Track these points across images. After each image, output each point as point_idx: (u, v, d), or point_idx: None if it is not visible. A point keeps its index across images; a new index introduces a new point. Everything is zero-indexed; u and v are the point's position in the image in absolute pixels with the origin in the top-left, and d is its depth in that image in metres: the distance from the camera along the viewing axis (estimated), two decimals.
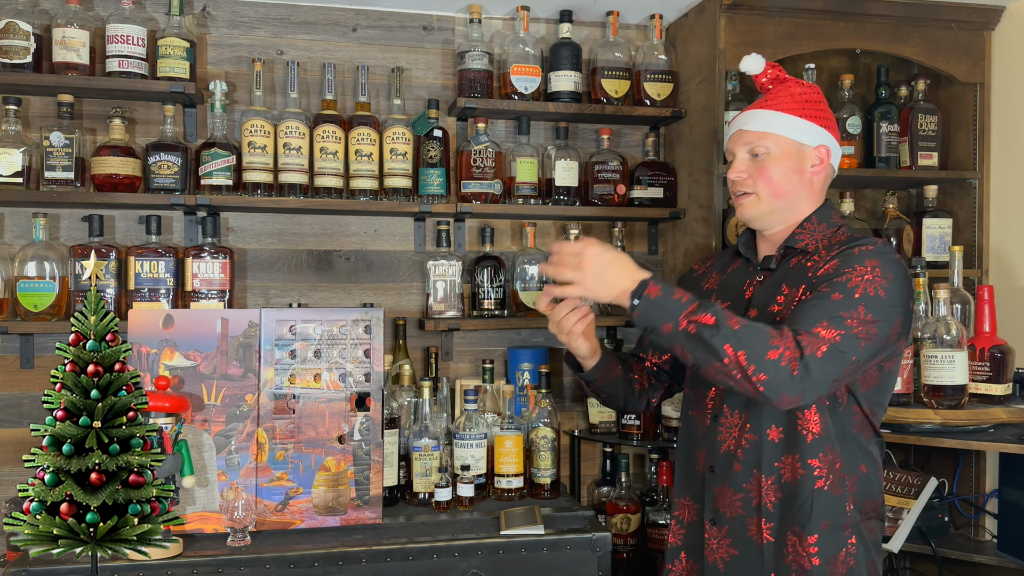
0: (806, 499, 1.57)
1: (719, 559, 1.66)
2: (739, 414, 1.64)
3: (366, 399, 2.14)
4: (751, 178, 1.68)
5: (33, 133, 2.43)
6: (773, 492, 1.60)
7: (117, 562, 1.79)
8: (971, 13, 2.65)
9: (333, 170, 2.47)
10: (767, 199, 1.67)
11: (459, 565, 1.98)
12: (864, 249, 1.58)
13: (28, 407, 2.46)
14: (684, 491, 1.77)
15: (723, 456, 1.66)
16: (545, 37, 2.76)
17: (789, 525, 1.58)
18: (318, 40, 2.67)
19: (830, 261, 1.59)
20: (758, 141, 1.68)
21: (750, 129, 1.70)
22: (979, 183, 2.74)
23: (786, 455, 1.60)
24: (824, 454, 1.58)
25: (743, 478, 1.63)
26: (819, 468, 1.57)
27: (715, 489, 1.67)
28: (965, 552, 2.35)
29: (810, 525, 1.56)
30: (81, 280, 2.32)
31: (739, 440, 1.63)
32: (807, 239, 1.67)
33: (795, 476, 1.58)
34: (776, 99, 1.70)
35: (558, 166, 2.63)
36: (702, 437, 1.71)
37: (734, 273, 1.79)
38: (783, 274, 1.68)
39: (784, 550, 1.59)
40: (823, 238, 1.67)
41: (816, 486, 1.57)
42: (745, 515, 1.63)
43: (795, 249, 1.68)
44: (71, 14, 2.33)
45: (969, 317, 2.44)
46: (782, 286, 1.64)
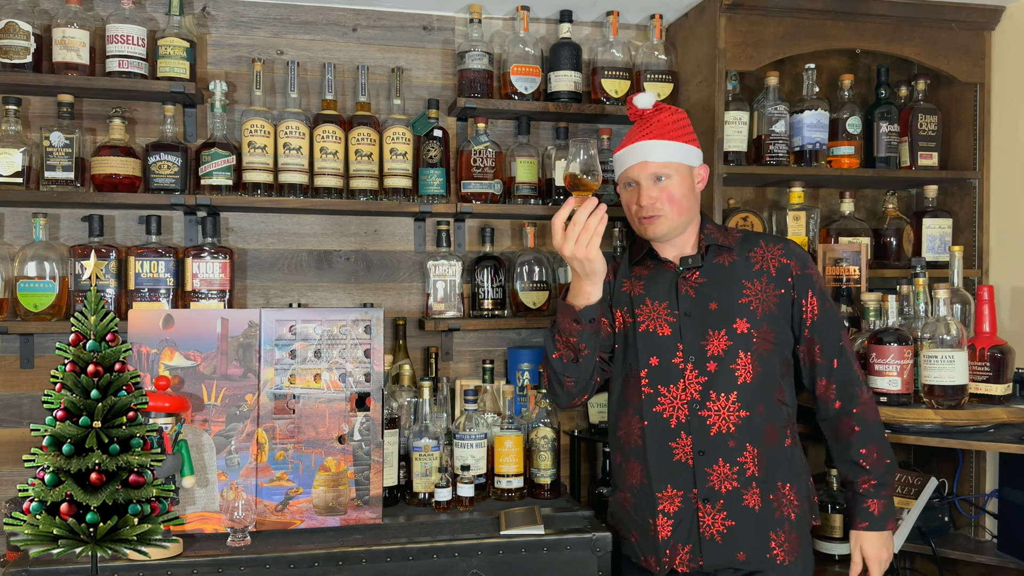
0: (782, 458, 1.87)
1: (716, 533, 1.83)
2: (728, 396, 1.84)
3: (366, 399, 2.14)
4: (659, 201, 1.88)
5: (33, 133, 2.43)
6: (762, 459, 1.84)
7: (117, 562, 1.79)
8: (971, 13, 2.65)
9: (333, 170, 2.47)
10: (674, 217, 1.89)
11: (459, 565, 1.98)
12: (802, 252, 1.96)
13: (28, 407, 2.47)
14: (664, 483, 1.87)
15: (714, 438, 1.84)
16: (545, 37, 2.76)
17: (774, 485, 1.85)
18: (318, 40, 2.67)
19: (785, 260, 1.92)
20: (662, 170, 1.88)
21: (654, 159, 1.88)
22: (979, 183, 2.74)
23: (769, 424, 1.86)
24: (790, 417, 1.92)
25: (737, 452, 1.84)
26: (788, 428, 1.90)
27: (707, 470, 1.84)
28: (965, 552, 2.35)
29: (789, 479, 1.87)
30: (81, 280, 2.32)
31: (731, 419, 1.84)
32: (718, 236, 1.95)
33: (773, 440, 1.86)
34: (662, 128, 1.90)
35: (558, 166, 2.63)
36: (679, 427, 1.86)
37: (653, 277, 1.96)
38: (719, 269, 1.92)
39: (773, 506, 1.84)
40: (725, 234, 1.97)
41: (787, 444, 1.89)
42: (740, 487, 1.83)
43: (716, 245, 1.94)
44: (71, 14, 2.33)
45: (969, 317, 2.44)
46: (742, 281, 1.90)
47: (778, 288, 1.90)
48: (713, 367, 1.85)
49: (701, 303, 1.89)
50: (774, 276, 1.90)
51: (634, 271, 2.00)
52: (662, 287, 1.94)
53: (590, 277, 1.81)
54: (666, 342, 1.89)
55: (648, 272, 1.98)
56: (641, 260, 2.00)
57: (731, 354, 1.85)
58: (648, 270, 1.98)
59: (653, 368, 1.89)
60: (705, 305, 1.89)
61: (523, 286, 2.62)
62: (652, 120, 1.92)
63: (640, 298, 1.95)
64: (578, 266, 1.79)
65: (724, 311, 1.87)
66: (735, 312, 1.87)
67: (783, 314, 1.90)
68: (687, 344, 1.87)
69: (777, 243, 1.96)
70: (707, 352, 1.86)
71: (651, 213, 1.88)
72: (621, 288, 2.00)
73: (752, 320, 1.87)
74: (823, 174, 2.65)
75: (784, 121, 2.60)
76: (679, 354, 1.87)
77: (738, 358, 1.85)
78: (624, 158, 1.94)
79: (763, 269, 1.91)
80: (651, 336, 1.90)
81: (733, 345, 1.85)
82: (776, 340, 1.89)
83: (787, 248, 1.95)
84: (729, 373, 1.85)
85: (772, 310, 1.89)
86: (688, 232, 1.95)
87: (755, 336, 1.86)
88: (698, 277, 1.92)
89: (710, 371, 1.85)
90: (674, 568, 1.87)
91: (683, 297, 1.91)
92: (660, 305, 1.92)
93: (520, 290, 2.63)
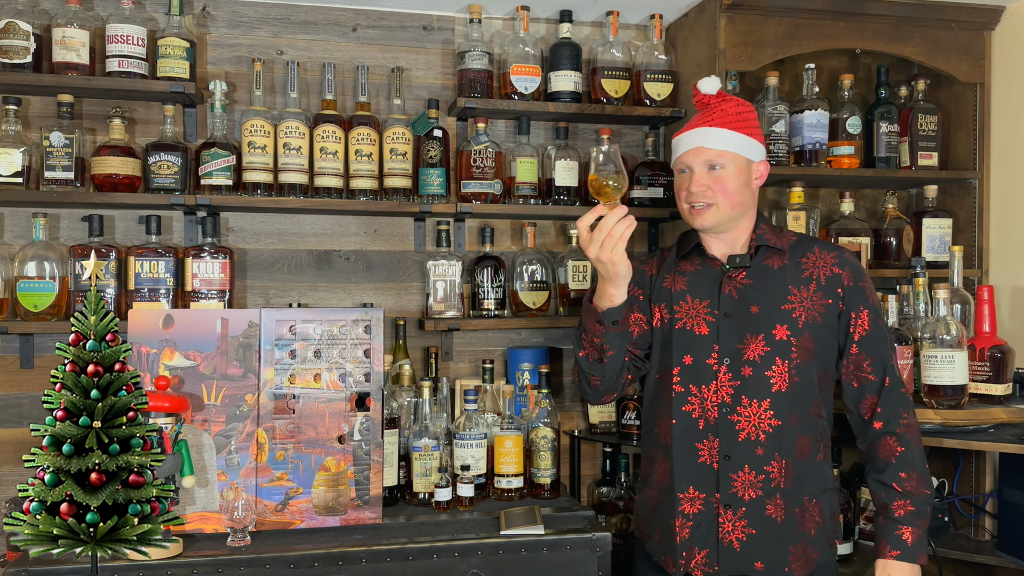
0: (811, 472, 1.81)
1: (735, 540, 1.79)
2: (760, 403, 1.79)
3: (366, 399, 2.14)
4: (710, 190, 1.83)
5: (33, 133, 2.43)
6: (790, 471, 1.79)
7: (117, 562, 1.79)
8: (971, 13, 2.65)
9: (333, 170, 2.47)
10: (725, 209, 1.84)
11: (459, 565, 1.98)
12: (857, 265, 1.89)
13: (28, 407, 2.46)
14: (686, 484, 1.83)
15: (742, 444, 1.79)
16: (545, 37, 2.76)
17: (800, 499, 1.80)
18: (318, 40, 2.67)
19: (838, 269, 1.84)
20: (717, 158, 1.84)
21: (711, 147, 1.84)
22: (979, 183, 2.74)
23: (801, 436, 1.80)
24: (825, 432, 1.86)
25: (764, 461, 1.79)
26: (821, 443, 1.84)
27: (732, 475, 1.79)
28: (965, 552, 2.35)
29: (816, 494, 1.81)
30: (81, 280, 2.31)
31: (762, 427, 1.79)
32: (770, 237, 1.89)
33: (804, 453, 1.81)
34: (725, 117, 1.86)
35: (558, 166, 2.63)
36: (707, 428, 1.82)
37: (698, 274, 1.91)
38: (766, 272, 1.86)
39: (797, 520, 1.79)
40: (779, 236, 1.91)
41: (818, 459, 1.83)
42: (764, 496, 1.78)
43: (768, 247, 1.88)
44: (71, 14, 2.33)
45: (969, 317, 2.44)
46: (788, 286, 1.83)
47: (826, 298, 1.82)
48: (748, 372, 1.80)
49: (742, 305, 1.83)
50: (823, 284, 1.83)
51: (680, 266, 1.94)
52: (705, 285, 1.88)
53: (614, 280, 1.78)
54: (702, 341, 1.84)
55: (693, 268, 1.92)
56: (688, 255, 1.94)
57: (767, 360, 1.79)
58: (694, 266, 1.92)
59: (686, 367, 1.84)
60: (746, 307, 1.83)
61: (523, 286, 2.62)
62: (716, 108, 1.87)
63: (681, 294, 1.89)
64: (603, 269, 1.76)
65: (765, 315, 1.81)
66: (776, 318, 1.81)
67: (828, 325, 1.83)
68: (723, 345, 1.82)
69: (832, 251, 1.88)
70: (743, 356, 1.81)
71: (701, 201, 1.83)
72: (663, 283, 1.94)
73: (793, 328, 1.80)
74: (823, 174, 2.65)
75: (784, 121, 2.60)
76: (714, 355, 1.82)
77: (774, 365, 1.79)
78: (681, 143, 1.89)
79: (812, 276, 1.84)
80: (687, 334, 1.85)
81: (770, 351, 1.79)
82: (817, 351, 1.82)
83: (841, 257, 1.86)
84: (764, 380, 1.79)
85: (816, 319, 1.81)
86: (740, 228, 1.89)
87: (794, 344, 1.79)
88: (744, 278, 1.86)
89: (744, 375, 1.80)
90: (690, 571, 1.83)
91: (725, 297, 1.85)
92: (700, 303, 1.86)
93: (520, 290, 2.63)
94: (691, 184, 1.85)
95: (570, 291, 2.66)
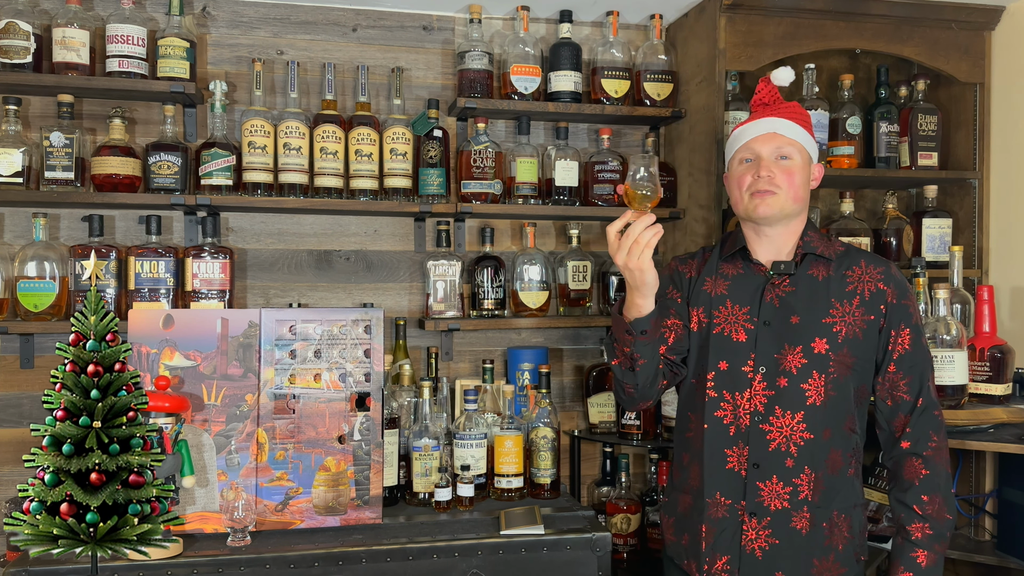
0: (841, 487, 1.79)
1: (757, 548, 1.78)
2: (793, 415, 1.77)
3: (366, 399, 2.14)
4: (778, 177, 1.80)
5: (33, 133, 2.43)
6: (819, 485, 1.76)
7: (117, 562, 1.79)
8: (971, 13, 2.65)
9: (333, 170, 2.47)
10: (788, 201, 1.81)
11: (459, 565, 1.98)
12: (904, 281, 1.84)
13: (28, 407, 2.46)
14: (714, 489, 1.82)
15: (772, 454, 1.77)
16: (545, 37, 2.76)
17: (828, 513, 1.77)
18: (318, 40, 2.67)
19: (883, 285, 1.80)
20: (789, 147, 1.82)
21: (784, 134, 1.82)
22: (979, 183, 2.74)
23: (833, 450, 1.78)
24: (858, 447, 1.83)
25: (794, 473, 1.76)
26: (853, 459, 1.81)
27: (759, 484, 1.78)
28: (965, 552, 2.35)
29: (845, 510, 1.78)
30: (81, 280, 2.32)
31: (793, 439, 1.77)
32: (818, 245, 1.85)
33: (836, 468, 1.78)
34: (792, 112, 1.85)
35: (558, 166, 2.63)
36: (738, 435, 1.80)
37: (740, 279, 1.87)
38: (811, 282, 1.82)
39: (824, 534, 1.77)
40: (827, 244, 1.86)
41: (849, 474, 1.80)
42: (791, 507, 1.76)
43: (815, 255, 1.84)
44: (71, 14, 2.33)
45: (969, 317, 2.44)
46: (831, 299, 1.80)
47: (868, 314, 1.79)
48: (784, 383, 1.77)
49: (783, 314, 1.80)
50: (867, 300, 1.79)
51: (722, 268, 1.91)
52: (747, 291, 1.85)
53: (640, 289, 1.74)
54: (740, 348, 1.82)
55: (736, 272, 1.89)
56: (731, 257, 1.91)
57: (804, 373, 1.77)
58: (736, 270, 1.89)
59: (721, 372, 1.82)
60: (787, 317, 1.80)
61: (523, 286, 2.62)
62: (781, 105, 1.87)
63: (721, 299, 1.86)
64: (629, 276, 1.73)
65: (805, 327, 1.78)
66: (816, 331, 1.77)
67: (868, 341, 1.79)
68: (760, 354, 1.80)
69: (879, 265, 1.83)
70: (780, 366, 1.78)
71: (767, 187, 1.79)
72: (702, 287, 1.90)
73: (832, 342, 1.77)
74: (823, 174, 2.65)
75: None
76: (750, 363, 1.80)
77: (811, 378, 1.76)
78: (747, 131, 1.85)
79: (857, 291, 1.80)
80: (725, 340, 1.83)
81: (807, 364, 1.77)
82: (856, 366, 1.78)
83: (887, 273, 1.82)
84: (799, 392, 1.76)
85: (857, 335, 1.78)
86: (790, 231, 1.85)
87: (832, 359, 1.76)
88: (787, 286, 1.83)
89: (779, 386, 1.77)
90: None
91: (766, 305, 1.82)
92: (741, 310, 1.83)
93: (520, 290, 2.63)
94: (760, 169, 1.81)
95: (570, 291, 2.66)
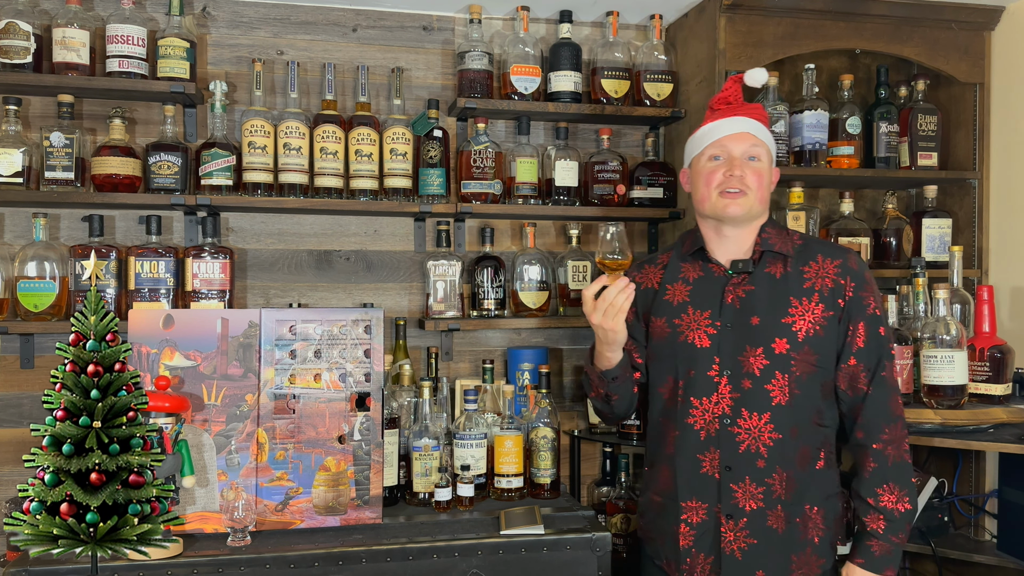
0: (812, 480, 1.80)
1: (736, 550, 1.78)
2: (760, 416, 1.77)
3: (366, 399, 2.14)
4: (748, 178, 1.81)
5: (33, 133, 2.43)
6: (790, 482, 1.78)
7: (117, 562, 1.79)
8: (971, 13, 2.65)
9: (333, 170, 2.47)
10: (756, 202, 1.82)
11: (459, 565, 1.98)
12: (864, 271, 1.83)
13: (28, 407, 2.47)
14: (690, 494, 1.83)
15: (743, 455, 1.78)
16: (545, 37, 2.76)
17: (801, 508, 1.78)
18: (318, 40, 2.67)
19: (840, 279, 1.80)
20: (758, 147, 1.83)
21: (755, 134, 1.83)
22: (979, 183, 2.74)
23: (803, 447, 1.79)
24: (827, 439, 1.83)
25: (765, 473, 1.77)
26: (822, 450, 1.82)
27: (733, 486, 1.79)
28: (965, 552, 2.35)
29: (818, 502, 1.80)
30: (81, 280, 2.32)
31: (762, 439, 1.77)
32: (775, 242, 1.85)
33: (805, 463, 1.79)
34: (759, 113, 1.86)
35: (558, 166, 2.63)
36: (709, 440, 1.81)
37: (701, 282, 1.89)
38: (769, 280, 1.82)
39: (799, 529, 1.78)
40: (784, 240, 1.86)
41: (819, 466, 1.81)
42: (766, 507, 1.77)
43: (772, 252, 1.84)
44: (71, 14, 2.33)
45: (969, 317, 2.44)
46: (789, 298, 1.80)
47: (828, 310, 1.78)
48: (748, 384, 1.78)
49: (744, 315, 1.81)
50: (826, 296, 1.79)
51: (683, 272, 1.92)
52: (708, 294, 1.86)
53: (611, 346, 1.83)
54: (704, 354, 1.82)
55: (697, 275, 1.90)
56: (691, 258, 1.92)
57: (767, 374, 1.77)
58: (697, 272, 1.90)
59: (689, 379, 1.83)
60: (747, 319, 1.80)
61: (523, 286, 2.62)
62: (748, 105, 1.87)
63: (683, 306, 1.88)
64: (602, 334, 1.82)
65: (765, 328, 1.79)
66: (775, 331, 1.78)
67: (829, 337, 1.79)
68: (724, 357, 1.81)
69: (836, 258, 1.82)
70: (743, 368, 1.79)
71: (739, 187, 1.79)
72: (664, 296, 1.92)
73: (793, 341, 1.77)
74: (823, 174, 2.65)
75: (784, 121, 2.60)
76: (715, 367, 1.81)
77: (774, 379, 1.77)
78: (718, 128, 1.84)
79: (815, 287, 1.80)
80: (689, 347, 1.84)
81: (770, 365, 1.77)
82: (819, 363, 1.79)
83: (845, 265, 1.81)
84: (763, 393, 1.77)
85: (818, 332, 1.78)
86: (751, 229, 1.86)
87: (794, 358, 1.77)
88: (747, 284, 1.83)
89: (744, 388, 1.78)
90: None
91: (727, 307, 1.82)
92: (702, 314, 1.84)
93: (520, 290, 2.63)
94: (732, 168, 1.80)
95: (570, 291, 2.66)
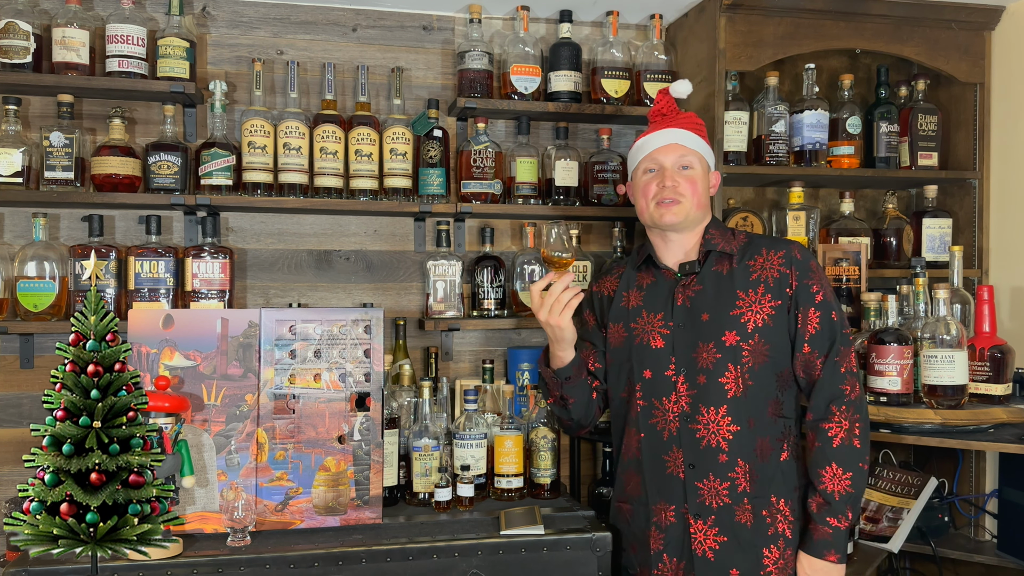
0: (776, 472, 1.82)
1: (708, 550, 1.81)
2: (717, 410, 1.81)
3: (366, 399, 2.14)
4: (682, 186, 1.88)
5: (33, 133, 2.43)
6: (753, 475, 1.80)
7: (117, 562, 1.79)
8: (971, 13, 2.65)
9: (333, 170, 2.47)
10: (692, 208, 1.89)
11: (459, 565, 1.98)
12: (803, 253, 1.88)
13: (28, 407, 2.46)
14: (658, 496, 1.87)
15: (704, 451, 1.82)
16: (545, 37, 2.76)
17: (767, 501, 1.81)
18: (318, 40, 2.67)
19: (785, 269, 1.84)
20: (690, 156, 1.90)
21: (685, 144, 1.90)
22: (979, 183, 2.74)
23: (760, 439, 1.82)
24: (788, 431, 1.86)
25: (728, 468, 1.80)
26: (784, 442, 1.84)
27: (698, 484, 1.82)
28: (965, 552, 2.36)
29: (784, 494, 1.82)
30: (81, 280, 2.32)
31: (721, 433, 1.81)
32: (719, 241, 1.91)
33: (765, 455, 1.82)
34: (689, 123, 1.94)
35: (558, 166, 2.63)
36: (671, 440, 1.85)
37: (653, 286, 1.96)
38: (716, 278, 1.88)
39: (767, 522, 1.80)
40: (728, 239, 1.92)
41: (782, 459, 1.83)
42: (732, 503, 1.80)
43: (717, 252, 1.90)
44: (71, 14, 2.33)
45: (969, 317, 2.44)
46: (736, 291, 1.85)
47: (775, 299, 1.83)
48: (703, 380, 1.82)
49: (694, 314, 1.86)
50: (771, 287, 1.84)
51: (637, 279, 1.99)
52: (660, 297, 1.92)
53: (560, 343, 1.90)
54: (659, 354, 1.88)
55: (649, 281, 1.97)
56: (643, 267, 1.99)
57: (720, 367, 1.81)
58: (649, 278, 1.97)
59: (647, 381, 1.88)
60: (697, 316, 1.85)
61: (523, 286, 2.62)
62: (679, 116, 1.94)
63: (637, 310, 1.94)
64: (550, 331, 1.89)
65: (714, 323, 1.83)
66: (725, 324, 1.82)
67: (779, 326, 1.83)
68: (679, 356, 1.85)
69: (779, 250, 1.88)
70: (697, 364, 1.83)
71: (672, 196, 1.86)
72: (620, 303, 1.99)
73: (742, 332, 1.81)
74: (823, 174, 2.65)
75: (784, 121, 2.60)
76: (671, 367, 1.86)
77: (727, 371, 1.81)
78: (649, 143, 1.93)
79: (760, 279, 1.85)
80: (645, 349, 1.90)
81: (722, 358, 1.81)
82: (771, 352, 1.82)
83: (788, 255, 1.86)
84: (718, 387, 1.81)
85: (767, 322, 1.82)
86: (695, 233, 1.93)
87: (745, 349, 1.81)
88: (695, 285, 1.89)
89: (700, 384, 1.82)
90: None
91: (678, 308, 1.88)
92: (655, 317, 1.90)
93: (520, 290, 2.63)
94: (664, 179, 1.88)
95: None
